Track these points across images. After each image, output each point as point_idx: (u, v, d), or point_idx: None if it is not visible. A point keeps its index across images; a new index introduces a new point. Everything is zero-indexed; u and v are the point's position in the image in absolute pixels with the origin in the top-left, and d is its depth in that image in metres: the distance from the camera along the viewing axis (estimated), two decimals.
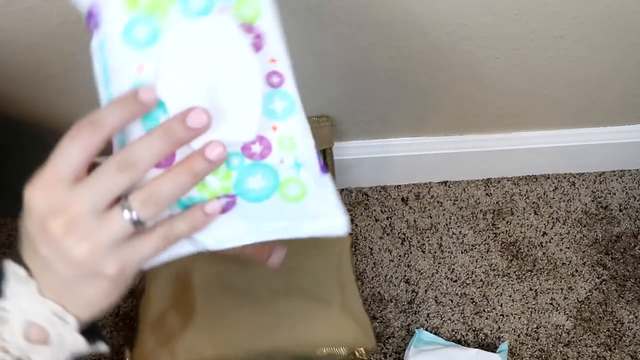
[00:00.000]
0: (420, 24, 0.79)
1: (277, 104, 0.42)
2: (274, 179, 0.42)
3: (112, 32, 0.39)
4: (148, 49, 0.39)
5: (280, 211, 0.42)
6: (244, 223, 0.42)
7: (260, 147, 0.41)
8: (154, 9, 0.40)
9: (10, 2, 0.69)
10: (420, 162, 1.04)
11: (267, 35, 0.42)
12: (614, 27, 0.84)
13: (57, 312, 0.38)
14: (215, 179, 0.41)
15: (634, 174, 1.13)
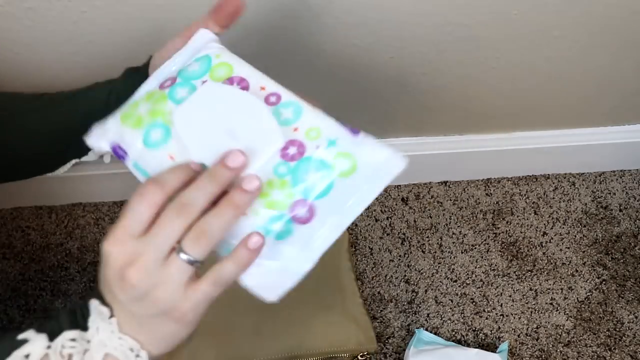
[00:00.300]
0: (420, 24, 0.79)
1: (286, 113, 0.47)
2: (323, 165, 0.45)
3: (137, 151, 0.48)
4: (169, 141, 0.47)
5: (350, 188, 0.46)
6: (332, 218, 0.46)
7: (295, 148, 0.46)
8: (154, 115, 0.48)
9: (10, 2, 0.69)
10: (420, 162, 1.04)
11: (245, 76, 0.50)
12: (614, 27, 0.84)
13: (133, 347, 0.43)
14: (278, 192, 0.45)
15: (634, 174, 1.13)
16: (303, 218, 0.45)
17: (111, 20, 0.73)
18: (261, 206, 0.45)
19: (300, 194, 0.45)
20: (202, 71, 0.51)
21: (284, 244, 0.45)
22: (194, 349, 0.82)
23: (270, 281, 0.45)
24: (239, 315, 0.84)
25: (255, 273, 0.45)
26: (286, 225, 0.45)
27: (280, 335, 0.83)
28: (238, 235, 0.44)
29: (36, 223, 1.01)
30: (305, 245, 0.45)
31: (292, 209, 0.45)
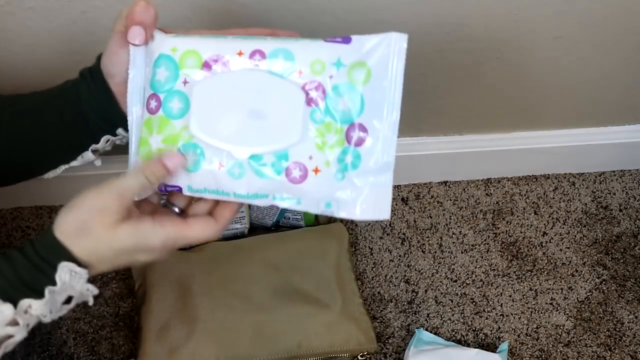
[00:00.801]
0: (420, 24, 0.79)
1: (280, 64, 0.49)
2: (345, 87, 0.48)
3: (185, 179, 0.51)
4: (206, 156, 0.50)
5: (378, 85, 0.48)
6: (384, 123, 0.48)
7: (314, 91, 0.48)
8: (172, 142, 0.51)
9: (10, 2, 0.69)
10: (420, 162, 1.04)
11: (216, 52, 0.50)
12: (614, 27, 0.84)
13: (90, 288, 0.49)
14: (329, 135, 0.48)
15: (634, 174, 1.13)
16: (361, 138, 0.48)
17: (111, 20, 0.72)
18: (326, 154, 0.48)
19: (345, 123, 0.48)
20: (173, 73, 0.51)
21: (362, 168, 0.48)
22: (194, 349, 0.82)
23: (374, 203, 0.48)
24: (239, 315, 0.84)
25: (359, 207, 0.48)
26: (353, 153, 0.48)
27: (280, 335, 0.83)
28: (325, 192, 0.48)
29: (36, 223, 1.01)
30: (377, 157, 0.48)
31: (348, 139, 0.48)
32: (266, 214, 0.95)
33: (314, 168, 0.48)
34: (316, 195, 0.49)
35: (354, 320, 0.86)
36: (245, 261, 0.89)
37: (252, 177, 0.49)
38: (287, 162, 0.48)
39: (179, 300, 0.85)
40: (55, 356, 0.91)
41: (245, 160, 0.49)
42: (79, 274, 0.48)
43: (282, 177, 0.49)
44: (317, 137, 0.48)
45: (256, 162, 0.49)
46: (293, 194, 0.49)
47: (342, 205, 0.49)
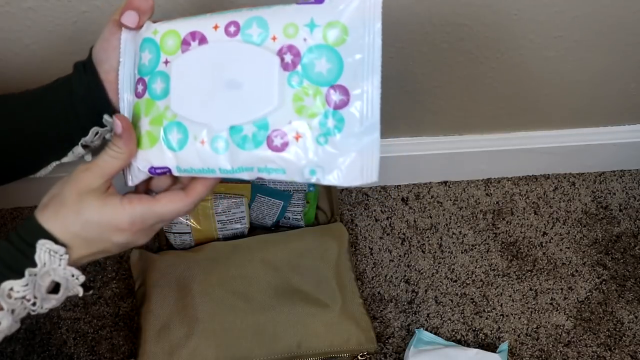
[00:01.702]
0: (420, 24, 0.79)
1: (255, 33, 0.48)
2: (321, 49, 0.47)
3: (172, 159, 0.51)
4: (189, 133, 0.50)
5: (356, 45, 0.47)
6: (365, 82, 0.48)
7: (289, 55, 0.47)
8: (157, 123, 0.50)
9: (10, 2, 0.69)
10: (420, 162, 1.04)
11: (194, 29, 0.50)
12: (614, 27, 0.84)
13: (75, 274, 0.49)
14: (308, 99, 0.47)
15: (634, 174, 1.13)
16: (343, 100, 0.47)
17: None
18: (307, 119, 0.47)
19: (324, 85, 0.47)
20: (156, 55, 0.51)
21: (346, 132, 0.47)
22: (194, 349, 0.82)
23: (361, 167, 0.48)
24: (239, 315, 0.84)
25: (345, 172, 0.47)
26: (335, 116, 0.47)
27: (280, 335, 0.83)
28: (308, 158, 0.47)
29: None
30: (361, 119, 0.47)
31: (329, 102, 0.47)
32: (266, 214, 0.95)
33: (295, 135, 0.47)
34: (299, 162, 0.47)
35: (354, 320, 0.86)
36: (245, 261, 0.89)
37: (234, 150, 0.48)
38: (268, 131, 0.47)
39: (179, 300, 0.85)
40: (55, 356, 0.91)
41: (226, 134, 0.48)
42: (57, 253, 0.48)
43: (263, 147, 0.47)
44: (295, 102, 0.47)
45: (237, 134, 0.48)
46: (277, 164, 0.48)
47: (327, 171, 0.47)
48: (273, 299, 0.86)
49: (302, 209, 0.95)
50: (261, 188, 0.93)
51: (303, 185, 0.93)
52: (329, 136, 0.47)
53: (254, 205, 0.94)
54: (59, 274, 0.48)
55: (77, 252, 0.50)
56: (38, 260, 0.47)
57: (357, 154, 0.47)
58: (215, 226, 0.92)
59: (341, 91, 0.47)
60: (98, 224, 0.49)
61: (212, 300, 0.85)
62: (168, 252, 0.92)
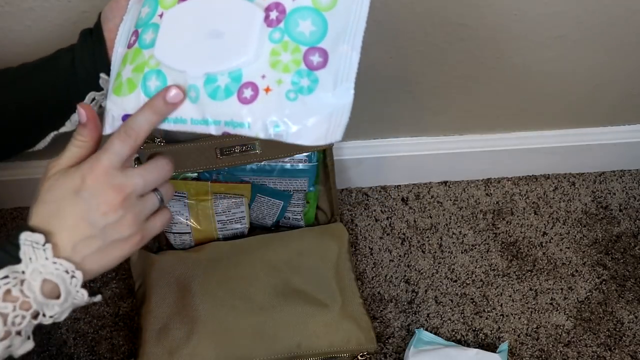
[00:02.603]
0: (420, 24, 0.79)
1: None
2: (308, 10, 0.47)
3: None
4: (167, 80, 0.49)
5: (342, 13, 0.47)
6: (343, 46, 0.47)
7: (275, 12, 0.47)
8: (140, 70, 0.50)
9: (10, 2, 0.69)
10: (420, 162, 1.04)
11: None
12: (614, 27, 0.84)
13: (69, 269, 0.46)
14: (286, 54, 0.46)
15: (634, 174, 1.13)
16: (320, 62, 0.46)
17: None
18: (280, 73, 0.46)
19: (304, 45, 0.47)
20: (153, 8, 0.52)
21: (317, 93, 0.46)
22: (194, 349, 0.82)
23: (327, 128, 0.46)
24: (239, 315, 0.84)
25: (310, 130, 0.46)
26: (310, 76, 0.46)
27: (280, 335, 0.83)
28: (275, 112, 0.46)
29: None
30: (335, 82, 0.46)
31: (306, 61, 0.46)
32: (266, 214, 0.95)
33: (265, 87, 0.46)
34: (265, 116, 0.46)
35: (354, 320, 0.86)
36: (245, 261, 0.89)
37: (205, 99, 0.48)
38: (240, 83, 0.47)
39: (179, 300, 0.85)
40: (55, 356, 0.91)
41: (200, 83, 0.48)
42: (39, 244, 0.45)
43: (233, 99, 0.47)
44: (272, 56, 0.47)
45: (210, 84, 0.48)
46: (241, 117, 0.47)
47: (291, 127, 0.46)
48: (273, 299, 0.86)
49: (302, 209, 0.95)
50: (261, 188, 0.93)
51: (303, 185, 0.93)
52: (300, 94, 0.46)
53: (254, 205, 0.94)
54: (49, 270, 0.45)
55: (61, 236, 0.46)
56: (23, 256, 0.45)
57: (326, 116, 0.46)
58: (215, 226, 0.92)
59: (320, 53, 0.46)
60: (61, 185, 0.47)
61: (212, 300, 0.85)
62: (168, 252, 0.92)
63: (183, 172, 0.89)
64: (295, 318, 0.85)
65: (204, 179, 0.92)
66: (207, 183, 0.91)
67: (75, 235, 0.47)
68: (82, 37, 0.57)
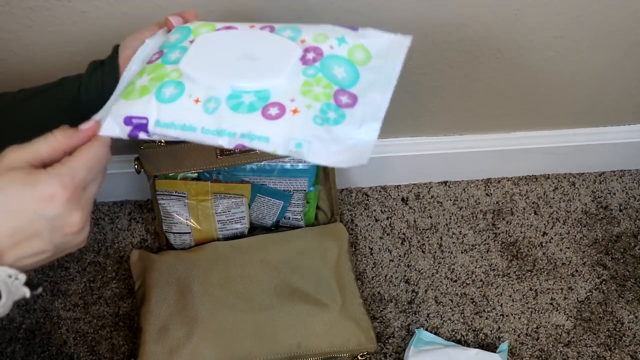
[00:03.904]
0: (420, 24, 0.79)
1: (286, 34, 0.51)
2: (343, 60, 0.50)
3: (155, 110, 0.49)
4: (186, 90, 0.49)
5: (375, 70, 0.50)
6: (374, 94, 0.49)
7: (312, 53, 0.50)
8: (159, 79, 0.50)
9: (10, 2, 0.69)
10: (420, 162, 1.04)
11: (229, 24, 0.54)
12: (614, 27, 0.84)
13: (12, 274, 0.43)
14: (318, 87, 0.48)
15: (634, 174, 1.13)
16: (349, 103, 0.48)
17: (111, 20, 0.73)
18: (310, 100, 0.48)
19: (336, 85, 0.48)
20: (185, 35, 0.53)
21: (344, 126, 0.47)
22: (194, 349, 0.82)
23: (349, 157, 0.47)
24: (238, 315, 0.84)
25: (332, 154, 0.47)
26: (337, 111, 0.48)
27: (280, 335, 0.83)
28: (300, 131, 0.47)
29: None
30: (362, 121, 0.48)
31: (335, 99, 0.48)
32: (266, 214, 0.95)
33: (293, 109, 0.47)
34: (288, 133, 0.46)
35: (354, 320, 0.86)
36: (245, 261, 0.89)
37: (225, 111, 0.48)
38: (266, 102, 0.47)
39: (179, 300, 0.85)
40: (55, 356, 0.91)
41: (224, 96, 0.48)
42: None
43: (257, 114, 0.47)
44: (304, 85, 0.48)
45: (234, 99, 0.48)
46: (262, 131, 0.47)
47: (314, 149, 0.46)
48: (273, 299, 0.86)
49: (302, 209, 0.95)
50: (261, 188, 0.93)
51: (303, 185, 0.93)
52: (327, 123, 0.47)
53: (254, 205, 0.94)
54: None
55: (3, 242, 0.43)
56: None
57: (349, 147, 0.47)
58: (215, 226, 0.93)
59: (349, 96, 0.48)
60: (22, 194, 0.43)
61: (212, 300, 0.85)
62: (168, 252, 0.92)
63: (183, 172, 0.90)
64: (295, 318, 0.85)
65: (204, 179, 0.92)
66: (207, 183, 0.91)
67: (25, 251, 0.44)
68: (91, 67, 0.57)
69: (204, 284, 0.86)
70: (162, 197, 0.91)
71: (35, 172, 0.44)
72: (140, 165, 0.87)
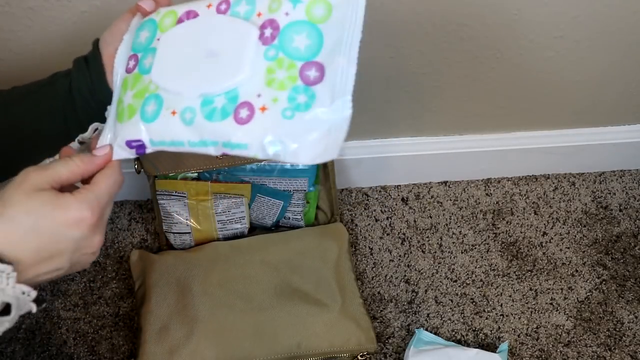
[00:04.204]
0: (420, 24, 0.79)
1: (243, 8, 0.49)
2: (302, 24, 0.46)
3: (145, 132, 0.50)
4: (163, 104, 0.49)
5: (338, 25, 0.46)
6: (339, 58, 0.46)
7: (269, 29, 0.47)
8: (140, 96, 0.50)
9: (10, 2, 0.69)
10: (420, 162, 1.04)
11: (189, 8, 0.51)
12: (614, 27, 0.84)
13: (25, 291, 0.45)
14: (281, 72, 0.46)
15: (634, 174, 1.13)
16: (317, 76, 0.45)
17: (111, 20, 0.73)
18: (275, 91, 0.45)
19: (300, 60, 0.46)
20: (152, 33, 0.52)
21: (315, 109, 0.45)
22: (194, 349, 0.82)
23: (325, 145, 0.45)
24: (239, 315, 0.84)
25: (308, 148, 0.45)
26: (306, 92, 0.45)
27: (280, 335, 0.83)
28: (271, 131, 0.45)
29: None
30: (332, 96, 0.45)
31: (302, 77, 0.45)
32: (266, 214, 0.95)
33: (261, 106, 0.46)
34: (262, 136, 0.45)
35: (354, 320, 0.86)
36: (245, 261, 0.89)
37: (202, 121, 0.47)
38: (236, 104, 0.46)
39: (179, 300, 0.85)
40: (55, 356, 0.91)
41: (197, 105, 0.47)
42: (4, 272, 0.43)
43: (229, 120, 0.46)
44: (268, 74, 0.46)
45: (207, 105, 0.47)
46: (239, 138, 0.46)
47: (289, 146, 0.45)
48: (273, 299, 0.86)
49: (302, 209, 0.95)
50: (261, 188, 0.93)
51: (303, 185, 0.93)
52: (297, 111, 0.45)
53: (254, 205, 0.94)
54: (8, 294, 0.44)
55: (25, 260, 0.45)
56: None
57: (324, 132, 0.45)
58: (215, 226, 0.92)
59: (317, 67, 0.45)
60: (52, 217, 0.45)
61: (212, 300, 0.85)
62: (168, 252, 0.92)
63: (183, 172, 0.90)
64: (295, 318, 0.85)
65: (204, 179, 0.92)
66: (207, 183, 0.91)
67: (45, 269, 0.46)
68: (77, 67, 0.56)
69: (204, 284, 0.86)
70: (162, 197, 0.91)
71: (63, 196, 0.46)
72: (140, 165, 0.87)
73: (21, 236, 0.44)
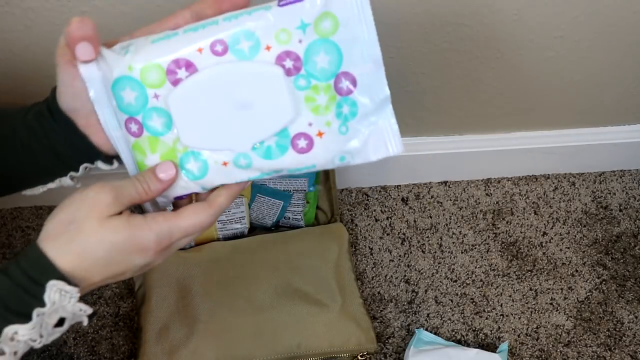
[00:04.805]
0: (420, 24, 0.79)
1: (244, 46, 0.47)
2: (316, 43, 0.46)
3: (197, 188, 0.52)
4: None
5: (350, 30, 0.47)
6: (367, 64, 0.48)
7: (289, 60, 0.47)
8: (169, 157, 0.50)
9: (10, 2, 0.69)
10: (420, 162, 1.04)
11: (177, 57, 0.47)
12: (614, 27, 0.84)
13: (83, 309, 0.46)
14: (319, 96, 0.47)
15: (634, 174, 1.13)
16: (351, 86, 0.48)
17: (111, 20, 0.73)
18: (324, 116, 0.48)
19: (331, 77, 0.47)
20: (141, 91, 0.47)
21: (361, 113, 0.48)
22: (194, 349, 0.82)
23: (385, 140, 0.49)
24: (239, 315, 0.84)
25: (372, 149, 0.49)
26: (347, 102, 0.48)
27: (280, 335, 0.83)
28: (335, 150, 0.49)
29: (36, 223, 1.01)
30: (371, 96, 0.48)
31: (338, 92, 0.48)
32: (266, 214, 0.95)
33: (317, 132, 0.48)
34: (327, 155, 0.49)
35: (354, 320, 0.86)
36: (245, 261, 0.89)
37: (260, 161, 0.49)
38: (290, 137, 0.48)
39: (179, 300, 0.85)
40: (55, 356, 0.91)
41: (249, 151, 0.48)
42: (69, 293, 0.44)
43: (290, 153, 0.48)
44: (308, 103, 0.47)
45: (260, 149, 0.48)
46: (306, 163, 0.49)
47: (355, 154, 0.49)
48: (273, 299, 0.86)
49: (302, 209, 0.95)
50: (261, 188, 0.93)
51: (303, 185, 0.93)
52: (348, 122, 0.48)
53: (254, 205, 0.94)
54: (68, 310, 0.45)
55: (90, 281, 0.46)
56: (47, 301, 0.44)
57: (377, 130, 0.48)
58: (215, 226, 0.93)
59: (346, 77, 0.47)
60: (123, 246, 0.46)
61: (212, 301, 0.85)
62: None
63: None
64: (295, 318, 0.85)
65: None
66: None
67: (104, 280, 0.48)
68: (46, 120, 0.51)
69: (204, 284, 0.86)
70: None
71: (134, 221, 0.47)
72: None
73: (91, 263, 0.45)
